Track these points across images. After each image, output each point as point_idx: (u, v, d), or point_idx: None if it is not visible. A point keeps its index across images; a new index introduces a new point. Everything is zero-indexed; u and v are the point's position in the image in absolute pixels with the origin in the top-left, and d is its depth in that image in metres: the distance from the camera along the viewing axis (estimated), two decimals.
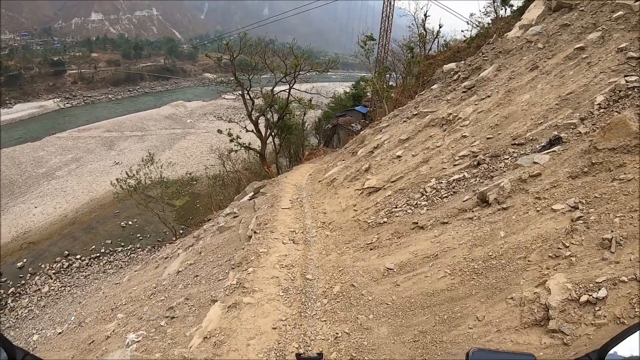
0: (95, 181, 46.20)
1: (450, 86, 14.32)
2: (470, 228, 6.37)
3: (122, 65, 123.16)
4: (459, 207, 7.18)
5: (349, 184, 12.40)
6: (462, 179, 8.28)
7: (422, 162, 10.37)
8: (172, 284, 10.31)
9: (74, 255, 32.87)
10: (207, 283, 8.88)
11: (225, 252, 10.48)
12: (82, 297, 23.70)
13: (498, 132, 9.11)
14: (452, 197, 7.90)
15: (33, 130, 68.65)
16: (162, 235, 33.73)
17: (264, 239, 9.37)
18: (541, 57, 10.77)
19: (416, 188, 9.18)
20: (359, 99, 42.08)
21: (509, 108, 9.67)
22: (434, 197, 8.33)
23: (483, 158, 8.37)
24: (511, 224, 5.80)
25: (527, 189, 6.23)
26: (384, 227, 8.48)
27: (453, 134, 10.73)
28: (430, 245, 6.64)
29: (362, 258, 7.64)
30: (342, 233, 9.49)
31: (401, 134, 13.22)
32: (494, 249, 5.48)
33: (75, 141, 61.96)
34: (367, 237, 8.51)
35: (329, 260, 8.12)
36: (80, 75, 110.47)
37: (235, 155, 32.04)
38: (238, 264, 8.39)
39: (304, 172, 18.21)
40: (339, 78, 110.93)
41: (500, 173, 7.50)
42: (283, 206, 12.08)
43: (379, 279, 6.58)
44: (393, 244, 7.53)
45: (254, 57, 27.58)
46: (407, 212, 8.50)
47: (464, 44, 28.22)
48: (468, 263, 5.56)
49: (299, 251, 8.76)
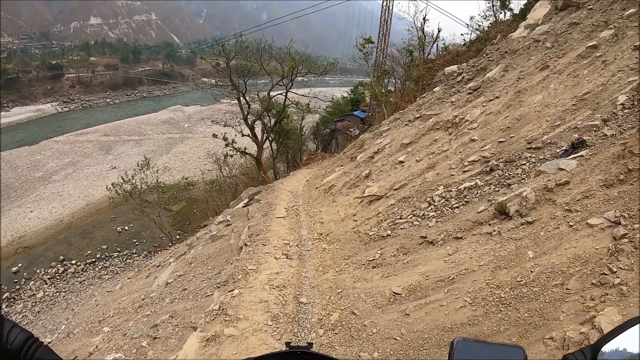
0: (91, 185, 45.86)
1: (454, 88, 13.90)
2: (490, 246, 5.56)
3: (120, 69, 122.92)
4: (474, 219, 6.47)
5: (347, 191, 11.76)
6: (474, 187, 7.57)
7: (427, 168, 9.69)
8: (160, 297, 9.80)
9: (69, 260, 32.52)
10: (194, 299, 8.33)
11: (215, 264, 9.93)
12: (76, 304, 23.33)
13: (510, 135, 8.47)
14: (464, 208, 7.17)
15: (30, 134, 68.34)
16: (159, 241, 33.30)
17: (254, 253, 8.60)
18: (551, 57, 10.37)
19: (422, 197, 8.47)
20: (357, 103, 41.97)
21: (521, 109, 9.10)
22: (443, 207, 7.58)
23: (496, 163, 7.70)
24: (540, 241, 4.98)
25: (555, 199, 5.48)
26: (388, 240, 7.71)
27: (460, 138, 10.10)
28: (443, 265, 5.84)
29: (364, 278, 6.85)
30: (341, 246, 8.75)
31: (403, 138, 12.62)
32: (523, 272, 4.66)
33: (72, 145, 61.64)
34: (369, 252, 7.73)
35: (326, 279, 7.34)
36: (78, 79, 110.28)
37: (232, 160, 31.67)
38: (224, 282, 7.70)
39: (301, 177, 17.75)
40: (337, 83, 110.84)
41: (519, 180, 6.84)
42: (277, 215, 11.35)
43: (385, 306, 5.74)
44: (399, 262, 6.75)
45: (250, 60, 27.24)
46: (413, 223, 7.74)
47: (463, 47, 28.11)
48: (492, 290, 4.74)
49: (292, 268, 7.94)
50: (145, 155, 36.38)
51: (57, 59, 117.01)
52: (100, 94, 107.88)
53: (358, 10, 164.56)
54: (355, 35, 31.33)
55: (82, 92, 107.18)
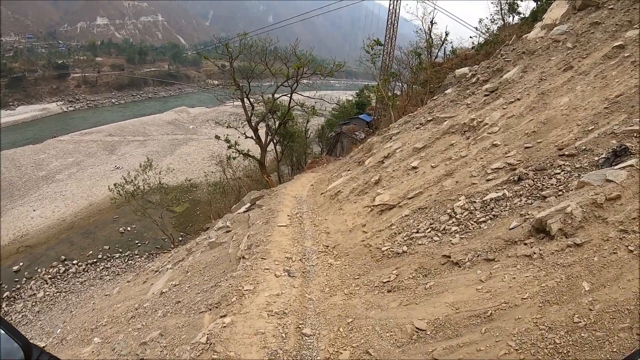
0: (95, 185, 45.74)
1: (468, 89, 13.33)
2: (532, 272, 4.76)
3: (126, 70, 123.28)
4: (506, 237, 5.71)
5: (355, 199, 10.98)
6: (502, 198, 6.79)
7: (445, 175, 8.91)
8: (153, 309, 9.22)
9: (70, 260, 32.39)
10: (187, 314, 7.64)
11: (212, 274, 9.27)
12: (75, 305, 23.14)
13: (537, 140, 7.79)
14: (493, 223, 6.37)
15: (35, 133, 68.41)
16: (161, 242, 33.12)
17: (252, 268, 7.77)
18: (574, 57, 9.89)
19: (441, 208, 7.66)
20: (363, 107, 41.73)
21: (546, 112, 8.48)
22: (467, 222, 6.76)
23: (525, 172, 6.97)
24: (595, 270, 4.22)
25: (606, 217, 4.75)
26: (404, 258, 6.86)
27: (480, 142, 9.43)
28: (476, 295, 5.00)
29: (378, 304, 5.96)
30: (350, 262, 7.86)
31: (416, 142, 11.90)
32: (579, 310, 3.82)
33: (76, 145, 61.66)
34: (382, 271, 6.88)
35: (334, 304, 6.44)
36: (84, 79, 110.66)
37: (235, 163, 31.43)
38: (216, 304, 6.90)
39: (306, 182, 17.04)
40: (343, 86, 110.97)
41: (555, 192, 6.08)
42: (280, 223, 10.54)
43: (406, 346, 4.81)
44: (419, 286, 5.89)
45: (254, 60, 26.82)
46: (432, 239, 6.92)
47: (472, 50, 27.79)
48: (543, 333, 3.83)
49: (295, 288, 7.05)
50: (147, 156, 36.26)
51: (63, 59, 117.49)
52: (106, 94, 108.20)
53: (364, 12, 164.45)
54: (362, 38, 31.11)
55: (88, 91, 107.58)
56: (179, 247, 21.64)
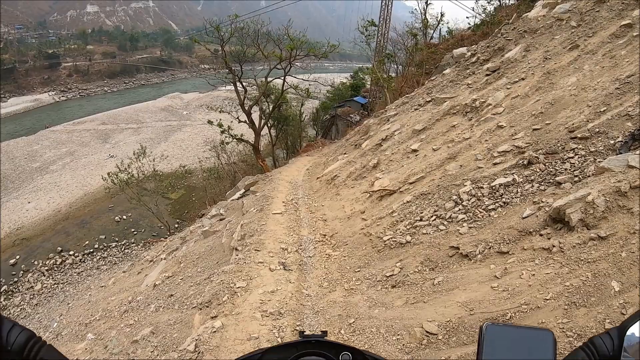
0: (89, 175, 45.21)
1: (468, 69, 12.92)
2: (553, 269, 4.35)
3: (117, 57, 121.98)
4: (519, 227, 5.30)
5: (353, 183, 10.64)
6: (512, 183, 6.39)
7: (448, 159, 8.47)
8: (146, 303, 8.90)
9: (67, 251, 32.10)
10: (179, 309, 7.29)
11: (205, 265, 8.91)
12: (72, 297, 22.90)
13: (546, 121, 7.34)
14: (504, 211, 5.97)
15: (27, 124, 67.74)
16: (157, 230, 32.89)
17: (245, 262, 7.31)
18: (580, 36, 9.54)
19: (445, 193, 7.26)
20: (357, 89, 41.42)
21: (553, 93, 8.04)
22: (475, 209, 6.37)
23: (535, 155, 6.54)
24: (624, 267, 3.82)
25: (631, 207, 4.37)
26: (408, 249, 6.43)
27: (484, 124, 8.98)
28: (491, 293, 4.57)
29: (382, 302, 5.54)
30: (349, 253, 7.45)
31: (415, 124, 11.46)
32: (610, 314, 3.51)
33: (69, 134, 61.00)
34: (385, 263, 6.47)
35: (333, 301, 6.01)
36: (75, 68, 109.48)
37: (230, 147, 31.03)
38: (207, 302, 6.46)
39: (301, 166, 16.77)
40: (337, 69, 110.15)
41: (571, 178, 5.68)
42: (274, 210, 10.12)
43: (416, 352, 4.42)
44: (426, 282, 5.48)
45: (246, 43, 26.09)
46: (438, 228, 6.52)
47: (469, 31, 27.37)
48: (572, 341, 3.51)
49: (291, 284, 6.64)
50: (141, 144, 35.89)
51: (54, 48, 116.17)
52: (98, 83, 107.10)
53: None
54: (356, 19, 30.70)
55: (80, 80, 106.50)
56: (174, 235, 21.40)
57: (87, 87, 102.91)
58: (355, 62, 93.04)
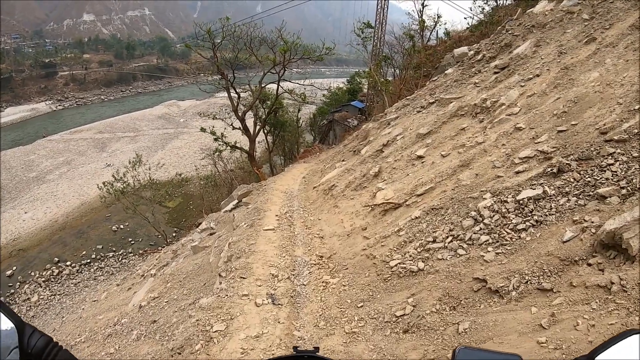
0: (86, 184, 45.01)
1: (473, 67, 12.27)
2: (619, 317, 3.40)
3: (114, 65, 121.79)
4: (560, 254, 4.33)
5: (352, 194, 9.77)
6: (542, 196, 5.30)
7: (460, 166, 7.53)
8: (129, 328, 8.39)
9: (64, 261, 31.83)
10: (160, 340, 6.74)
11: (192, 287, 8.33)
12: (67, 310, 22.56)
13: (571, 122, 6.48)
14: (537, 232, 4.90)
15: (24, 134, 67.48)
16: (155, 239, 32.57)
17: (227, 295, 6.36)
18: (595, 28, 8.90)
19: (461, 208, 6.21)
20: (354, 94, 41.28)
21: (574, 90, 7.26)
22: (501, 229, 5.29)
23: (566, 162, 5.56)
24: None
25: None
26: (421, 280, 5.37)
27: (499, 126, 8.11)
28: (539, 351, 3.53)
29: (393, 353, 4.53)
30: (350, 280, 6.43)
31: (419, 127, 10.66)
32: None
33: (66, 144, 60.84)
34: (393, 296, 5.43)
35: (332, 350, 5.03)
36: (72, 77, 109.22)
37: (227, 155, 30.69)
38: (179, 349, 5.59)
39: (297, 174, 16.04)
40: (333, 74, 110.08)
41: (617, 190, 4.71)
42: (266, 226, 9.24)
43: None
44: (448, 327, 4.47)
45: (238, 46, 25.73)
46: (456, 252, 5.44)
47: (466, 32, 27.22)
48: None
49: (280, 324, 5.61)
50: (136, 152, 35.65)
51: (50, 57, 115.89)
52: (95, 91, 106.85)
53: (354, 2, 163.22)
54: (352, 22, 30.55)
55: (76, 89, 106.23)
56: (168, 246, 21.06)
57: (83, 95, 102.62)
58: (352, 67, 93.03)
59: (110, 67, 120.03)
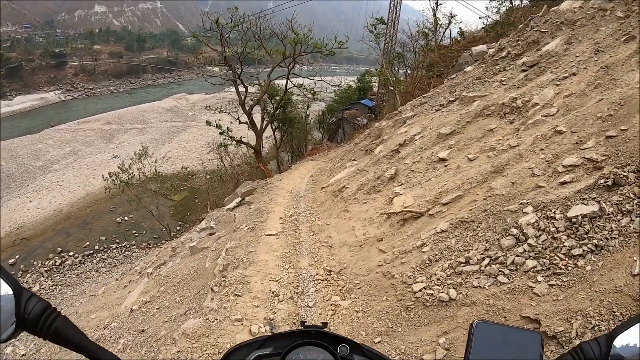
0: (92, 175, 44.75)
1: (497, 65, 11.58)
2: None
3: (124, 57, 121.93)
4: (632, 292, 3.54)
5: (365, 198, 9.00)
6: (599, 214, 4.40)
7: (492, 172, 6.67)
8: (117, 334, 7.92)
9: (67, 252, 31.60)
10: (146, 354, 6.21)
11: (185, 294, 7.73)
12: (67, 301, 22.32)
13: (620, 126, 5.57)
14: (598, 259, 4.06)
15: (32, 123, 67.53)
16: (159, 232, 32.33)
17: (217, 319, 5.46)
18: (634, 26, 8.21)
19: (498, 223, 5.29)
20: (364, 92, 40.93)
21: (618, 91, 6.49)
22: (551, 252, 4.41)
23: (622, 173, 4.68)
24: None
25: None
26: (454, 313, 4.52)
27: (534, 128, 7.30)
28: None
29: None
30: (365, 305, 5.48)
31: (440, 127, 9.86)
32: None
33: (74, 134, 60.77)
34: (420, 332, 4.55)
35: None
36: (81, 68, 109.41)
37: (233, 149, 30.32)
38: None
39: (304, 172, 15.47)
40: (343, 72, 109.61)
41: None
42: (269, 230, 8.48)
43: None
44: None
45: (246, 36, 25.01)
46: (497, 279, 4.54)
47: (481, 32, 26.81)
48: None
49: None
50: (143, 144, 35.43)
51: (61, 48, 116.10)
52: (104, 82, 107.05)
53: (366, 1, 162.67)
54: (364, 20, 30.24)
55: (86, 80, 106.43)
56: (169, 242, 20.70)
57: (93, 86, 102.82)
58: (362, 66, 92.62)
59: (120, 59, 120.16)
